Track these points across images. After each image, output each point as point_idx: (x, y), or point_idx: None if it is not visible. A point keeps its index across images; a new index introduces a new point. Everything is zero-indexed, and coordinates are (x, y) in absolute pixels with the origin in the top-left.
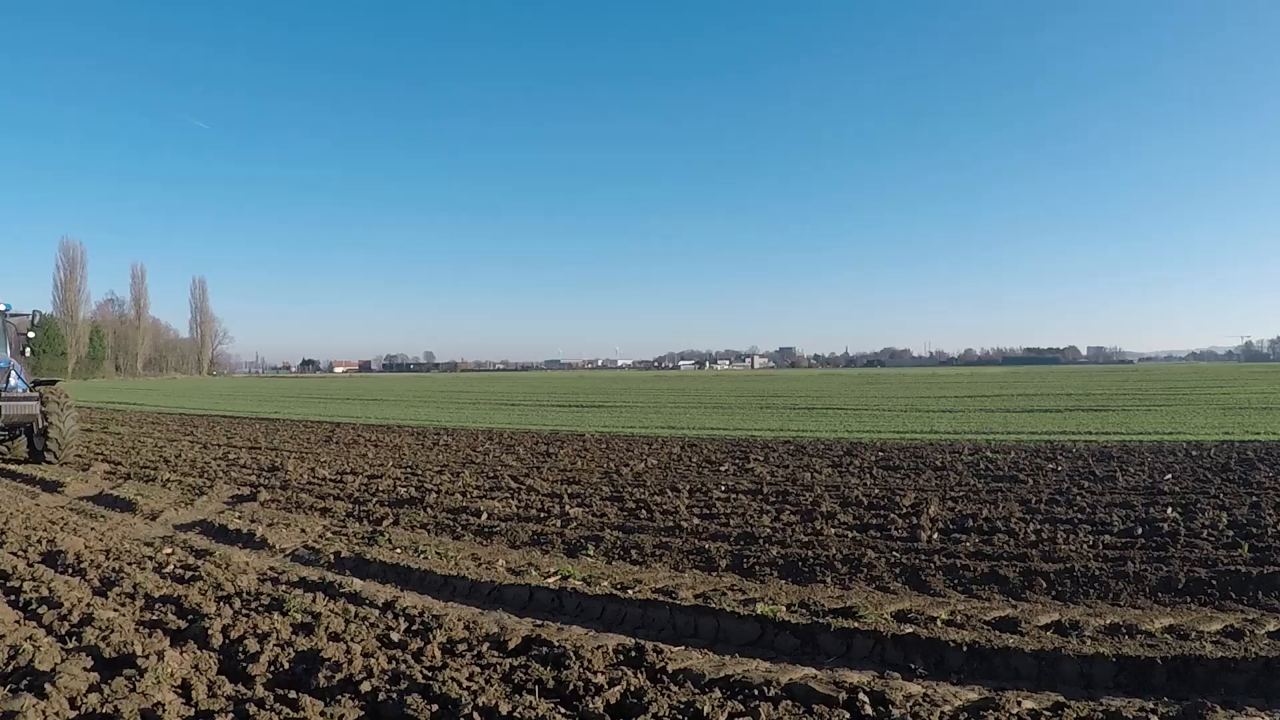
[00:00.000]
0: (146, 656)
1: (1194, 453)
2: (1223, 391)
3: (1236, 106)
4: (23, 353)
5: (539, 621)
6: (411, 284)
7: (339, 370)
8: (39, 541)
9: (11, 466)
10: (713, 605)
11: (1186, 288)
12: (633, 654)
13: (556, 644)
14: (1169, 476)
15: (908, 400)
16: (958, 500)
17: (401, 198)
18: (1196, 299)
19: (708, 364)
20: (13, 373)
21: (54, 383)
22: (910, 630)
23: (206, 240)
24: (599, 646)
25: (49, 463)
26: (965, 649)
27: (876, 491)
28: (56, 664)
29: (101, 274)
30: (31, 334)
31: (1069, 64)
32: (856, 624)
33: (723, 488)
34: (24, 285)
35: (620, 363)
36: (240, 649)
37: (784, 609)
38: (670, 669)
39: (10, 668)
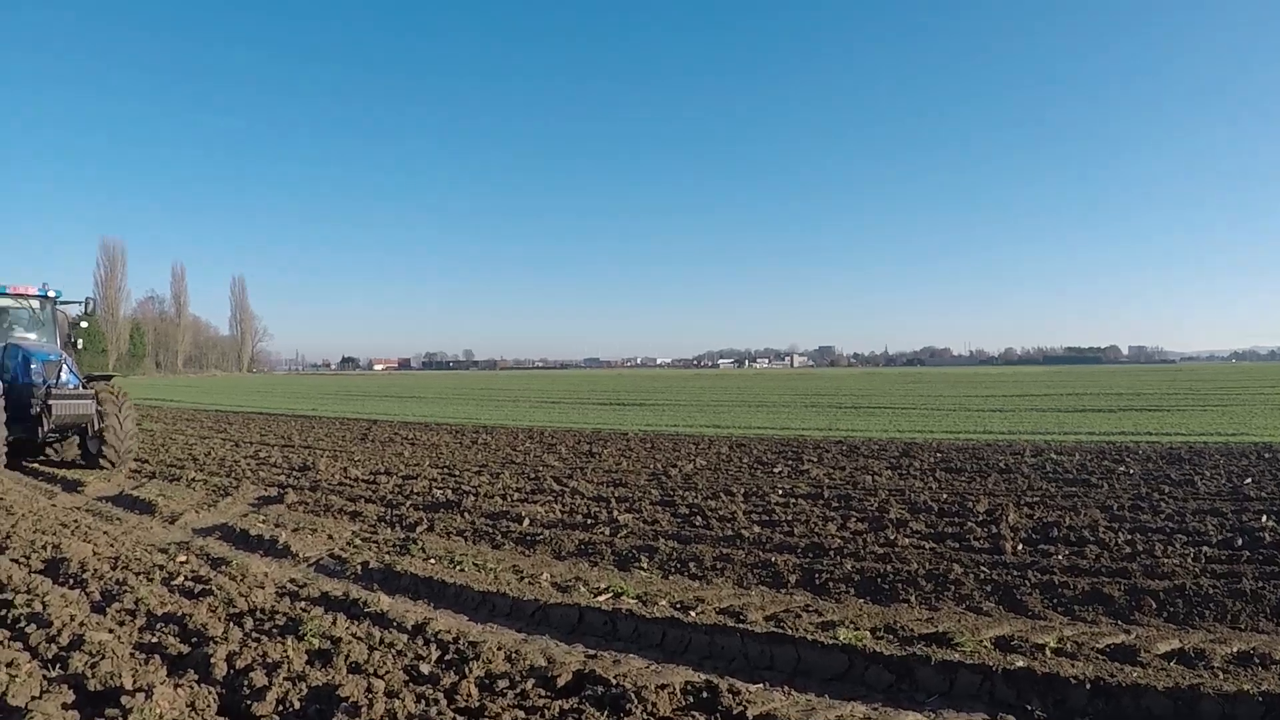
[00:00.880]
0: (135, 692)
1: (1266, 455)
2: (1276, 391)
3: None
4: (74, 345)
5: (591, 651)
6: (451, 282)
7: (378, 368)
8: (43, 548)
9: (34, 464)
10: (788, 631)
11: (1227, 286)
12: (704, 695)
13: (614, 681)
14: (1249, 480)
15: (954, 399)
16: (1034, 506)
17: (441, 196)
18: (1237, 298)
19: (747, 362)
20: (65, 367)
21: (109, 379)
22: (1022, 664)
23: (247, 239)
24: (663, 685)
25: (103, 467)
26: (1088, 686)
27: (945, 496)
28: (32, 698)
29: (142, 273)
30: (85, 324)
31: (1112, 55)
32: (957, 655)
33: (779, 491)
34: (65, 283)
35: (659, 361)
36: (245, 683)
37: (869, 635)
38: (750, 715)
39: None
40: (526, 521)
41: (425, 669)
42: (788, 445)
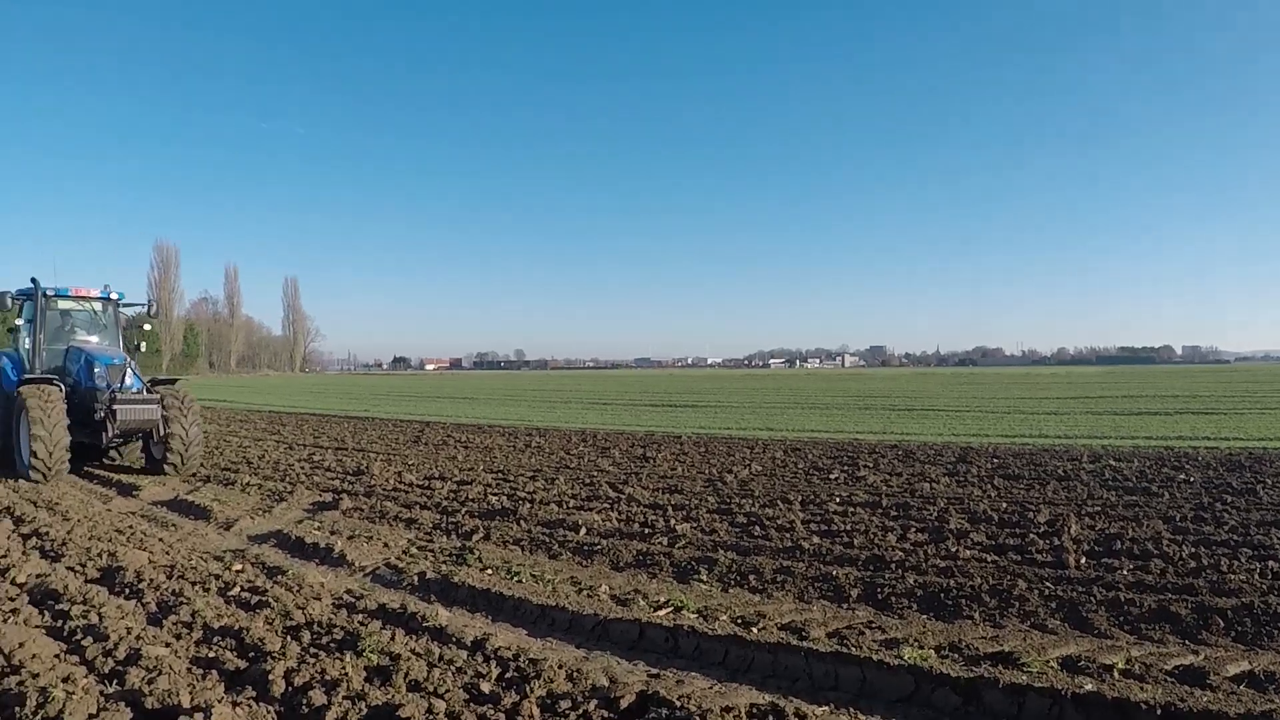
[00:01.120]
0: (193, 711)
1: None
2: None
3: None
4: (136, 348)
5: (653, 670)
6: (502, 282)
7: (430, 368)
8: (99, 555)
9: (92, 468)
10: (853, 650)
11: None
12: (769, 718)
13: (678, 703)
14: None
15: (1008, 401)
16: (1095, 517)
17: (490, 196)
18: None
19: (798, 362)
20: (129, 370)
21: (173, 382)
22: (1090, 686)
23: (300, 239)
24: (728, 707)
25: (168, 474)
26: (1159, 712)
27: (1004, 505)
28: (89, 716)
29: (195, 274)
30: (147, 326)
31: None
32: (1025, 676)
33: (837, 499)
34: (119, 285)
35: (709, 361)
36: (304, 701)
37: (934, 654)
38: None
39: (38, 717)
40: (583, 530)
41: (486, 688)
42: (843, 450)
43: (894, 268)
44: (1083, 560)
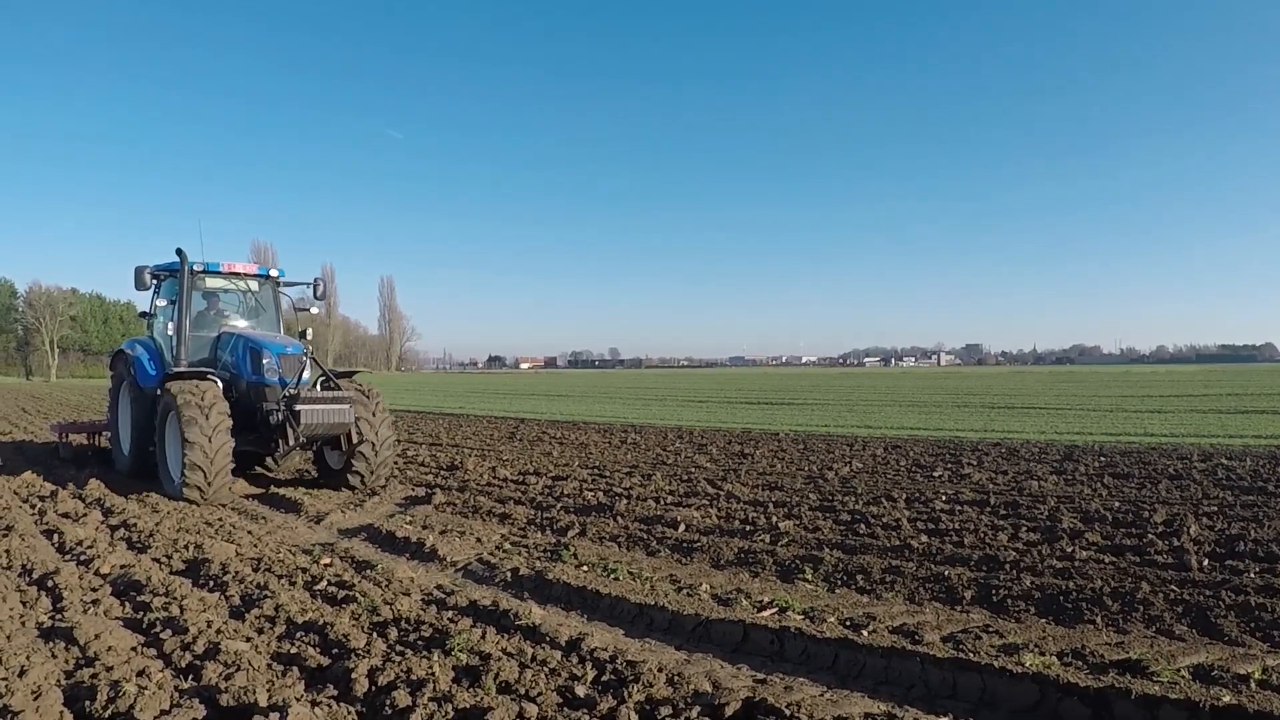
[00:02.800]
0: (269, 710)
1: None
2: None
3: None
4: (304, 338)
5: (759, 675)
6: (598, 280)
7: (525, 366)
8: (185, 548)
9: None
10: (971, 656)
11: None
12: None
13: (787, 711)
14: None
15: (1109, 399)
16: (1213, 517)
17: (586, 195)
18: None
19: (892, 361)
20: (308, 363)
21: (352, 374)
22: (1229, 699)
23: (396, 238)
24: (841, 717)
25: (353, 487)
26: None
27: (1117, 504)
28: (161, 712)
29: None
30: (314, 310)
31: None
32: (1156, 687)
33: (943, 497)
34: None
35: (804, 359)
36: (387, 702)
37: (1057, 661)
38: None
39: (108, 712)
40: (682, 527)
41: (581, 691)
42: (944, 447)
43: (991, 265)
44: (1205, 562)
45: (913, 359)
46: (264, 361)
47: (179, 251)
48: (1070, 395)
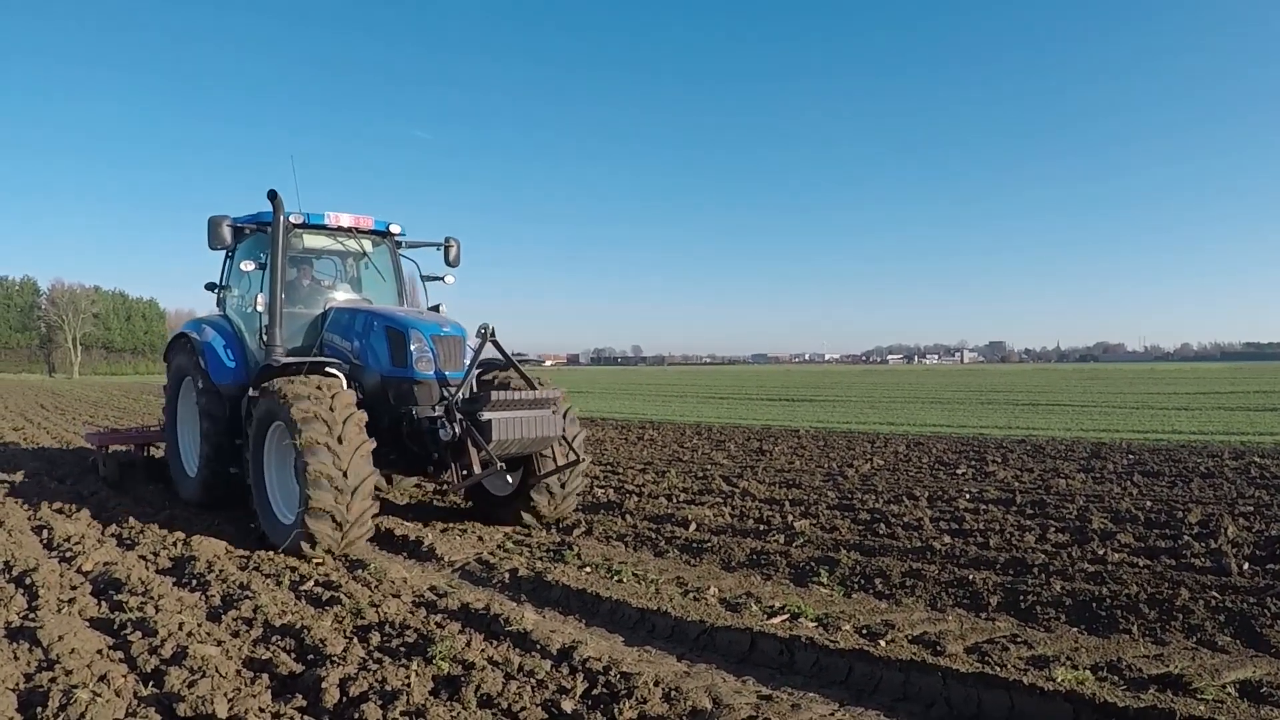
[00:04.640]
0: None
1: None
2: None
3: None
4: (435, 309)
5: (764, 691)
6: (620, 278)
7: (548, 364)
8: (174, 544)
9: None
10: (997, 670)
11: None
12: None
13: None
14: None
15: (1135, 396)
16: (1250, 518)
17: (610, 194)
18: None
19: (915, 358)
20: (468, 350)
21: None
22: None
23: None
24: None
25: (526, 525)
26: None
27: (1149, 504)
28: None
29: None
30: (449, 279)
31: None
32: (1202, 706)
33: (967, 496)
34: None
35: (826, 356)
36: (355, 716)
37: (1091, 675)
38: None
39: None
40: (693, 526)
41: (568, 707)
42: (968, 444)
43: (1015, 263)
44: (1245, 566)
45: (936, 356)
46: (411, 348)
47: (272, 195)
48: (1095, 392)
